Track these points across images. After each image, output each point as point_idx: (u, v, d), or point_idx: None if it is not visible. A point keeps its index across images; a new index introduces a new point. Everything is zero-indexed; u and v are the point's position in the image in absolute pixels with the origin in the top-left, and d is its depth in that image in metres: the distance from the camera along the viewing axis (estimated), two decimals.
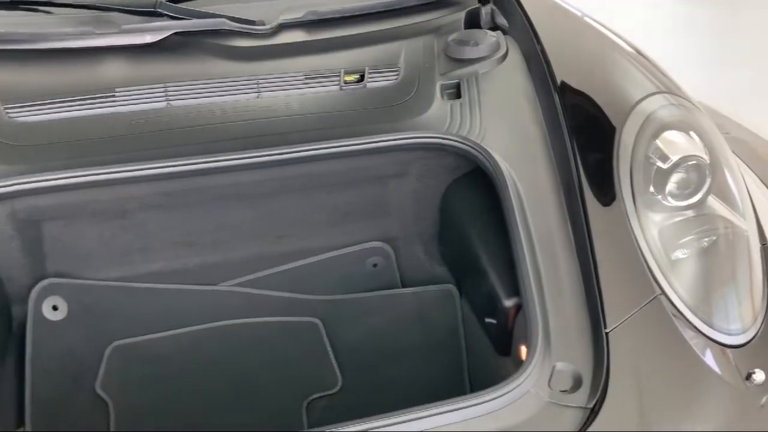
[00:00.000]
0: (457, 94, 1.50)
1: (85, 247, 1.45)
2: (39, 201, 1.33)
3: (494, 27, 1.70)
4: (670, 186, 1.30)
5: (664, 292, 1.18)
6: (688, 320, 1.17)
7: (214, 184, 1.43)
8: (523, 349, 1.24)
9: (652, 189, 1.29)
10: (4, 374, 1.33)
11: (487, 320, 1.37)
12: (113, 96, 1.43)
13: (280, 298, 1.56)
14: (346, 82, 1.53)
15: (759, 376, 1.15)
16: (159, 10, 1.57)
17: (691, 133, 1.35)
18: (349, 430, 1.06)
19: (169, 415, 1.39)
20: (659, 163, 1.31)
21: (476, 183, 1.45)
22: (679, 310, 1.17)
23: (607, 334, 1.14)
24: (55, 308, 1.43)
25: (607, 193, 1.28)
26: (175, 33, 1.58)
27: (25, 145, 1.32)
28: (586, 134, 1.36)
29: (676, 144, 1.33)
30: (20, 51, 1.53)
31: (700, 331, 1.16)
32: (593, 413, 1.07)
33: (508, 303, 1.29)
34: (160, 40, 1.57)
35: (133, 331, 1.47)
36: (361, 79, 1.54)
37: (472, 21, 1.72)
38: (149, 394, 1.41)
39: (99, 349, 1.43)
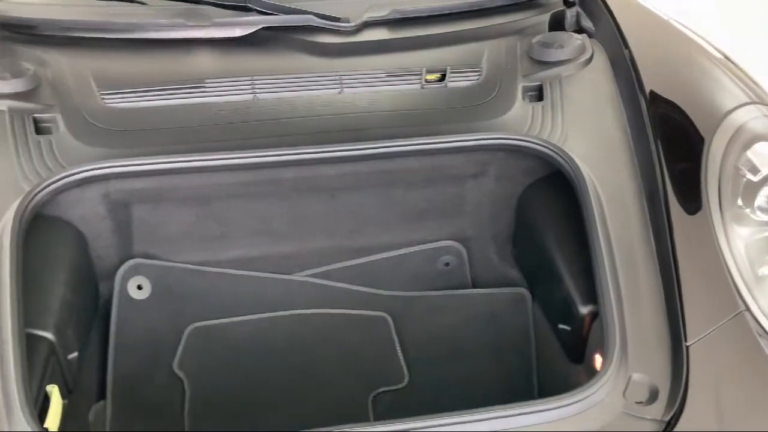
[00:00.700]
0: (539, 97, 1.49)
1: (171, 231, 1.51)
2: (130, 184, 1.40)
3: (579, 30, 1.68)
4: (760, 200, 1.26)
5: (748, 309, 1.15)
6: None
7: (294, 176, 1.47)
8: (598, 358, 1.23)
9: (740, 202, 1.25)
10: (89, 348, 1.39)
11: (561, 326, 1.35)
12: (203, 87, 1.48)
13: (351, 291, 1.59)
14: (427, 81, 1.54)
15: None
16: (249, 4, 1.62)
17: None
18: (416, 425, 1.07)
19: (240, 398, 1.43)
20: (749, 176, 1.27)
21: (555, 186, 1.43)
22: (764, 328, 1.14)
23: (687, 347, 1.11)
24: (139, 287, 1.49)
25: (692, 203, 1.25)
26: (264, 28, 1.62)
27: (118, 130, 1.38)
28: (673, 142, 1.33)
29: None
30: (116, 40, 1.61)
31: None
32: (669, 426, 1.05)
33: (584, 310, 1.27)
34: (249, 34, 1.61)
35: (211, 314, 1.52)
36: (443, 78, 1.55)
37: (557, 23, 1.70)
38: (223, 376, 1.45)
39: (178, 329, 1.49)
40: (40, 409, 1.09)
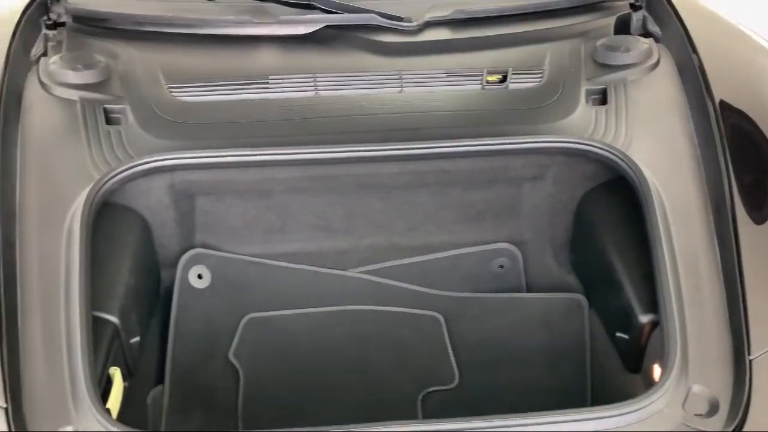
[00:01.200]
0: (603, 100, 1.47)
1: (231, 223, 1.54)
2: (194, 176, 1.43)
3: (645, 34, 1.65)
4: None
5: None
6: None
7: (353, 172, 1.48)
8: (656, 368, 1.20)
9: None
10: (149, 333, 1.43)
11: (618, 335, 1.33)
12: (266, 83, 1.50)
13: (405, 289, 1.59)
14: (488, 82, 1.54)
15: None
16: (313, 3, 1.64)
17: None
18: (465, 426, 1.06)
19: (291, 388, 1.45)
20: None
21: (616, 192, 1.41)
22: None
23: (750, 361, 1.08)
24: (199, 277, 1.53)
25: (761, 213, 1.21)
26: (327, 26, 1.64)
27: (184, 123, 1.42)
28: (742, 152, 1.30)
29: None
30: (185, 35, 1.65)
31: None
32: None
33: (644, 319, 1.25)
34: (312, 32, 1.64)
35: (267, 305, 1.54)
36: (504, 79, 1.54)
37: (622, 27, 1.68)
38: (276, 366, 1.48)
39: (235, 319, 1.52)
40: (102, 390, 1.12)
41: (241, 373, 1.45)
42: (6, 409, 0.98)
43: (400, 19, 1.66)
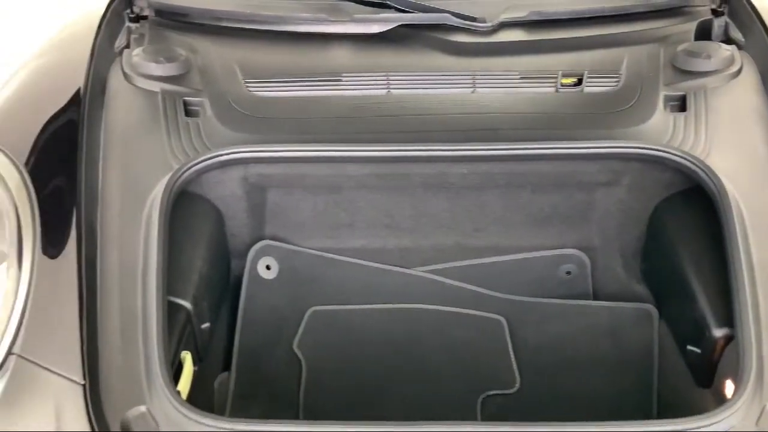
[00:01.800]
0: (682, 107, 1.44)
1: (301, 216, 1.57)
2: (267, 169, 1.46)
3: (727, 41, 1.60)
4: None
5: None
6: None
7: (422, 171, 1.49)
8: (729, 384, 1.17)
9: None
10: (219, 320, 1.47)
11: (690, 348, 1.29)
12: (339, 80, 1.52)
13: (468, 290, 1.59)
14: (562, 85, 1.52)
15: None
16: (388, 2, 1.65)
17: None
18: (526, 431, 1.05)
19: (352, 381, 1.47)
20: None
21: (693, 202, 1.38)
22: None
23: None
24: (268, 268, 1.56)
25: None
26: (401, 25, 1.65)
27: (259, 117, 1.45)
28: None
29: None
30: (262, 31, 1.68)
31: None
32: None
33: (718, 333, 1.22)
34: (386, 30, 1.65)
35: (331, 299, 1.56)
36: (579, 82, 1.52)
37: (703, 33, 1.64)
38: (338, 360, 1.49)
39: (300, 310, 1.54)
40: (173, 372, 1.15)
41: (304, 363, 1.47)
42: (84, 386, 1.02)
43: (474, 19, 1.66)
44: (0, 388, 1.01)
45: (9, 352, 1.03)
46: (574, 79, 1.53)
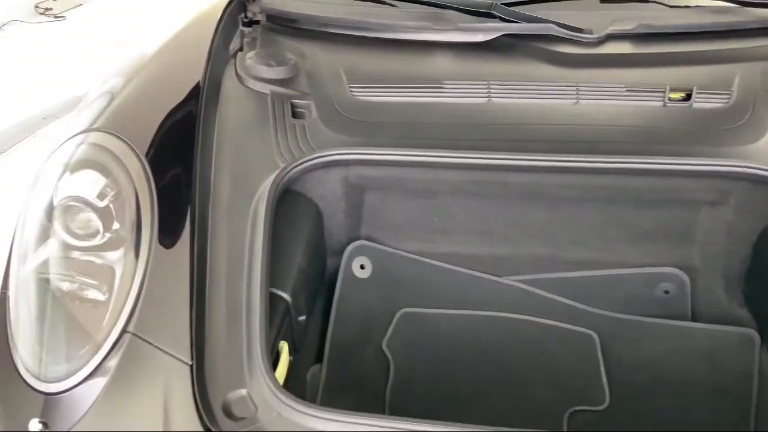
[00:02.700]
0: None
1: (396, 219, 1.60)
2: (367, 171, 1.50)
3: None
4: None
5: None
6: None
7: (520, 181, 1.49)
8: None
9: None
10: (313, 315, 1.52)
11: None
12: (441, 87, 1.55)
13: (560, 303, 1.57)
14: (670, 99, 1.49)
15: None
16: (493, 12, 1.66)
17: None
18: None
19: (438, 385, 1.48)
20: None
21: None
22: None
23: None
24: (362, 267, 1.60)
25: None
26: (504, 34, 1.66)
27: (362, 121, 1.49)
28: None
29: None
30: (367, 38, 1.73)
31: None
32: None
33: None
34: (490, 40, 1.66)
35: (422, 302, 1.58)
36: (688, 98, 1.49)
37: None
38: (426, 362, 1.51)
39: (390, 311, 1.57)
40: (272, 360, 1.20)
41: (392, 363, 1.49)
42: (191, 367, 1.07)
43: (580, 30, 1.65)
44: (114, 362, 1.08)
45: (124, 330, 1.10)
46: (683, 94, 1.49)
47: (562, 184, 1.47)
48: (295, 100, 1.51)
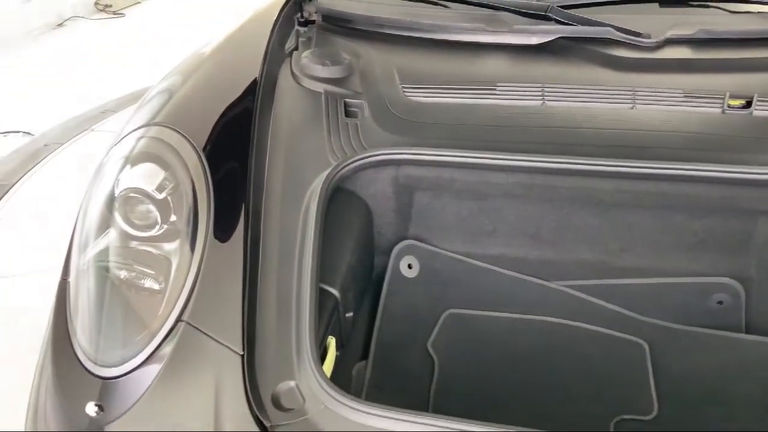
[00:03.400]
0: None
1: (445, 220, 1.60)
2: (418, 171, 1.51)
3: None
4: None
5: None
6: None
7: (572, 185, 1.47)
8: None
9: None
10: (360, 312, 1.53)
11: None
12: (494, 89, 1.54)
13: (609, 310, 1.55)
14: (729, 106, 1.46)
15: None
16: (550, 14, 1.65)
17: None
18: None
19: (483, 388, 1.47)
20: None
21: None
22: None
23: None
24: (409, 266, 1.60)
25: None
26: (560, 37, 1.65)
27: (414, 121, 1.50)
28: None
29: None
30: (420, 39, 1.74)
31: None
32: None
33: None
34: (545, 42, 1.65)
35: (468, 303, 1.58)
36: (748, 105, 1.45)
37: None
38: (471, 364, 1.51)
39: (436, 311, 1.58)
40: (320, 354, 1.22)
41: (437, 363, 1.50)
42: (242, 357, 1.09)
43: (638, 34, 1.63)
44: (169, 349, 1.11)
45: (179, 319, 1.12)
46: (743, 101, 1.46)
47: (615, 190, 1.46)
48: (348, 100, 1.53)
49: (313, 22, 1.79)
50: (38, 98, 4.40)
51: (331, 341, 1.28)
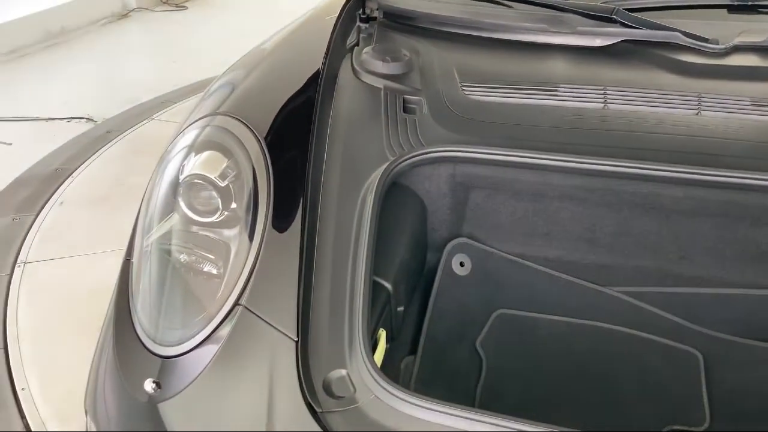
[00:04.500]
0: None
1: (500, 220, 1.59)
2: (474, 170, 1.51)
3: None
4: None
5: None
6: None
7: (631, 190, 1.45)
8: None
9: None
10: (411, 307, 1.54)
11: None
12: (555, 90, 1.53)
13: (665, 318, 1.53)
14: None
15: None
16: (615, 17, 1.63)
17: None
18: None
19: (531, 389, 1.46)
20: None
21: None
22: None
23: None
24: (461, 264, 1.60)
25: None
26: (624, 40, 1.62)
27: (472, 120, 1.50)
28: None
29: None
30: (481, 38, 1.74)
31: None
32: None
33: None
34: (609, 45, 1.63)
35: (519, 304, 1.57)
36: None
37: None
38: (519, 365, 1.50)
39: (487, 310, 1.57)
40: (371, 346, 1.23)
41: (484, 362, 1.49)
42: (296, 343, 1.12)
43: (705, 40, 1.60)
44: (226, 332, 1.14)
45: (237, 303, 1.15)
46: None
47: (677, 196, 1.43)
48: (407, 96, 1.54)
49: (375, 18, 1.81)
50: (102, 86, 4.55)
51: (382, 334, 1.29)
